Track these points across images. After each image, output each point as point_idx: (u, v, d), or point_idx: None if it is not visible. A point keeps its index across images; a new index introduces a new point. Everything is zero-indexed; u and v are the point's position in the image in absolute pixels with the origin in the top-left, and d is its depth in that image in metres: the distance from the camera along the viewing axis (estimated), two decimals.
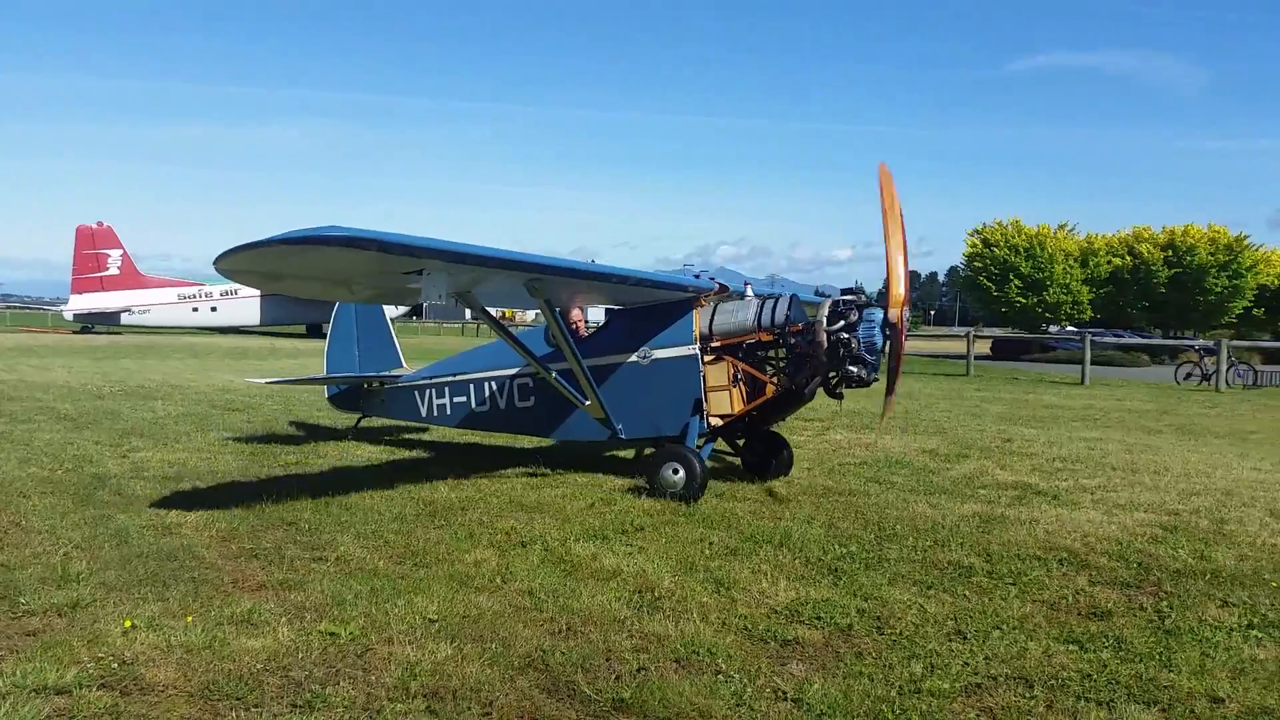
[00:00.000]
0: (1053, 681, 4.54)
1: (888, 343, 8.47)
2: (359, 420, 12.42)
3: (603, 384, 9.27)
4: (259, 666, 4.54)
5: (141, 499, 8.20)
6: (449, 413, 10.84)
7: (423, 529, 7.28)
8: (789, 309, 8.98)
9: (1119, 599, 5.89)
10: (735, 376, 9.04)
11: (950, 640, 5.12)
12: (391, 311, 56.37)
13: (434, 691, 4.31)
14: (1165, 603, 5.81)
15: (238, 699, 4.22)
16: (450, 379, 10.84)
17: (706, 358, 9.10)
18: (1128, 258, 56.67)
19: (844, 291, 8.99)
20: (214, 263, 6.79)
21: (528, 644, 4.88)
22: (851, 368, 8.48)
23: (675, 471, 8.49)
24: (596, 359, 9.36)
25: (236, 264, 6.89)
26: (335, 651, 4.77)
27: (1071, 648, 5.02)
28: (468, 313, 9.73)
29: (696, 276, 9.73)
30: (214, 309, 53.05)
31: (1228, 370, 29.18)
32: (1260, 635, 5.25)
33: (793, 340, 8.85)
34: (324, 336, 13.17)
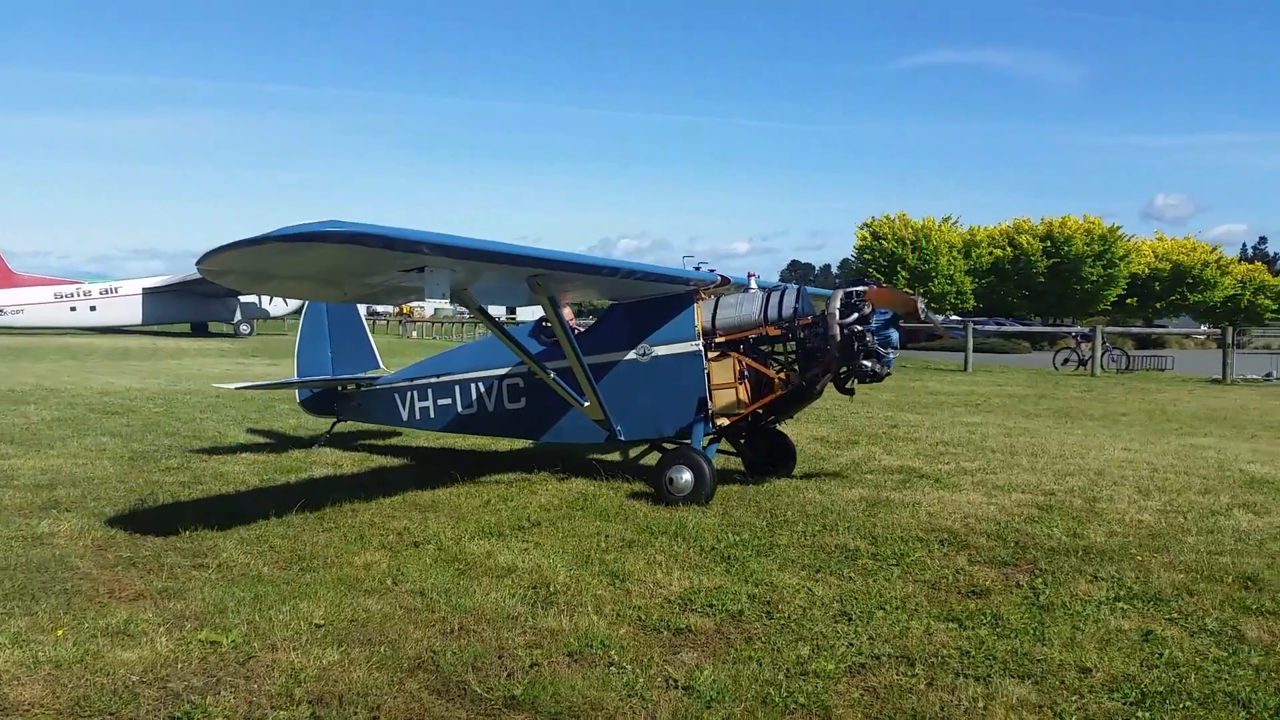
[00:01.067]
0: (933, 659, 4.69)
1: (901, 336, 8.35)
2: (333, 425, 11.82)
3: (600, 383, 8.86)
4: (134, 679, 4.37)
5: (9, 509, 7.79)
6: (432, 416, 10.27)
7: (310, 532, 7.10)
8: (796, 301, 8.56)
9: (997, 577, 6.13)
10: (741, 373, 8.60)
11: (836, 622, 5.26)
12: (280, 308, 54.90)
13: (319, 697, 4.22)
14: (1040, 579, 6.07)
15: (111, 713, 4.05)
16: (434, 380, 10.29)
17: (710, 354, 8.69)
18: (1008, 249, 58.98)
19: (851, 282, 8.70)
20: (197, 263, 6.32)
21: (418, 645, 4.82)
22: (865, 362, 8.13)
23: (683, 475, 8.05)
24: (593, 357, 8.94)
25: (223, 264, 6.42)
26: (216, 660, 4.62)
27: (951, 625, 5.20)
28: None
29: (697, 269, 9.50)
30: (93, 308, 50.76)
31: (1103, 355, 30.70)
32: (1125, 607, 5.52)
33: (802, 334, 8.44)
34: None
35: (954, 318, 56.06)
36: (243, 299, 50.33)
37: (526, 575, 6.02)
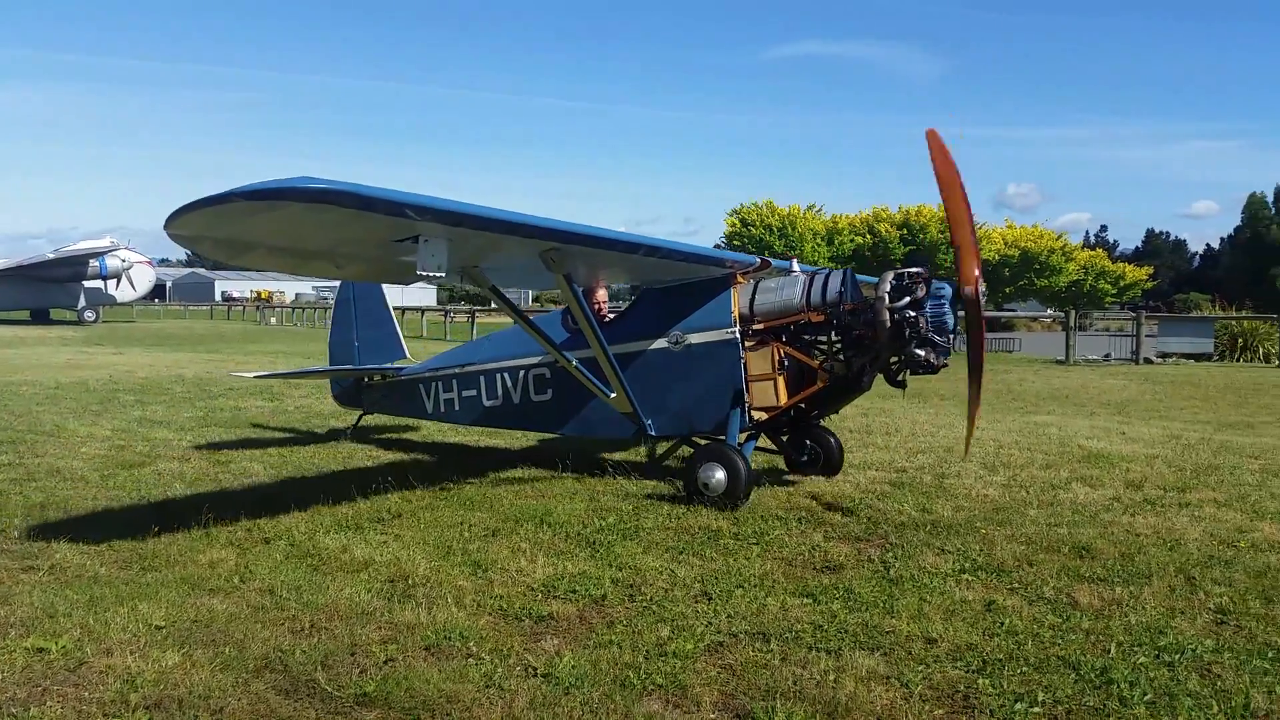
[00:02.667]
0: (788, 634, 4.80)
1: (959, 323, 7.55)
2: (359, 418, 11.26)
3: (629, 373, 8.20)
4: None
5: None
6: (457, 408, 9.75)
7: (153, 530, 6.73)
8: (842, 285, 7.79)
9: (850, 552, 6.31)
10: (781, 363, 7.91)
11: (697, 602, 5.32)
12: (128, 294, 51.91)
13: (157, 702, 4.00)
14: (891, 553, 6.28)
15: None
16: (458, 370, 9.75)
17: (748, 342, 7.98)
18: (868, 236, 60.85)
19: (905, 264, 7.89)
20: (165, 226, 5.62)
21: (265, 645, 4.62)
22: (919, 351, 7.34)
23: (716, 473, 7.41)
24: (621, 345, 8.25)
25: (191, 227, 5.72)
26: (43, 668, 4.33)
27: (806, 601, 5.33)
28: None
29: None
30: None
31: (955, 339, 32.01)
32: (970, 578, 5.77)
33: (848, 320, 7.69)
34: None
35: None
36: (86, 284, 47.50)
37: (384, 568, 5.87)
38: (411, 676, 4.25)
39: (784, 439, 8.81)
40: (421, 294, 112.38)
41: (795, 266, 8.52)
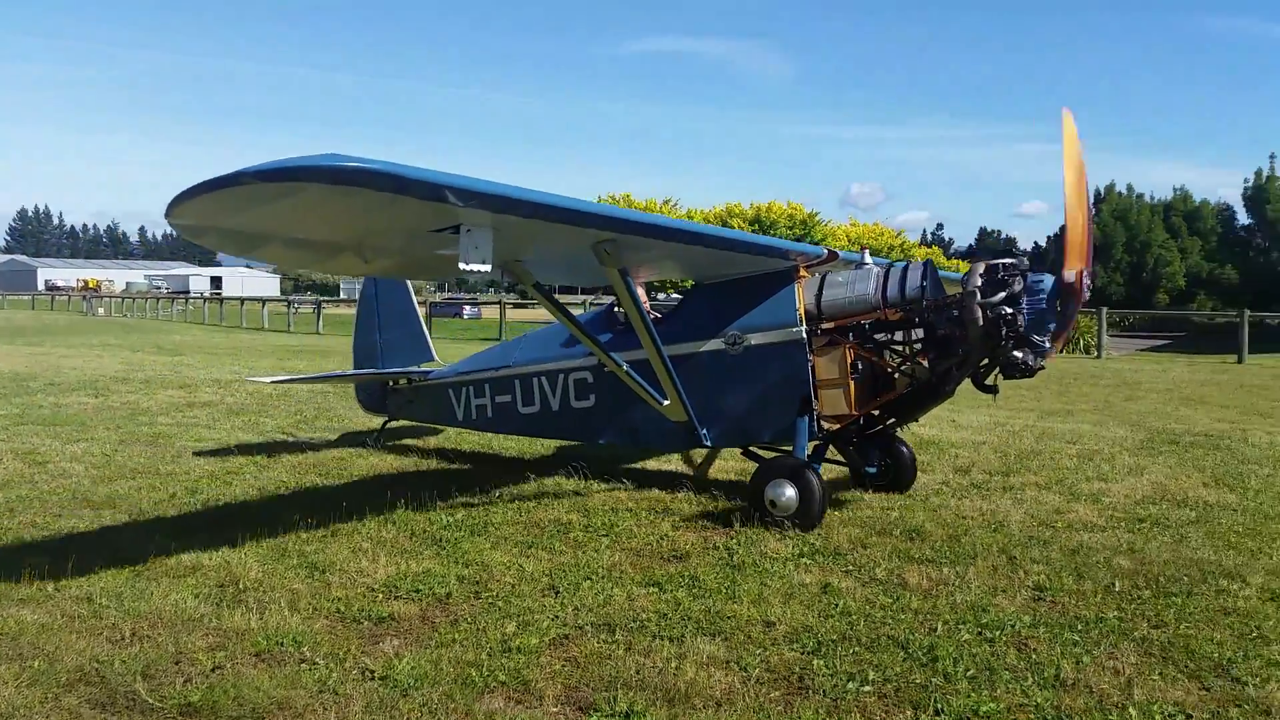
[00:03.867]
0: (633, 624, 4.83)
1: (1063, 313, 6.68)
2: (385, 424, 10.48)
3: (680, 378, 7.36)
4: None
5: None
6: (490, 415, 8.99)
7: None
8: (924, 279, 7.00)
9: (697, 540, 6.41)
10: (854, 366, 7.16)
11: (544, 596, 5.29)
12: None
13: None
14: (735, 540, 6.41)
15: None
16: (492, 374, 8.97)
17: (816, 343, 7.21)
18: None
19: (997, 254, 7.00)
20: (166, 214, 4.88)
21: (80, 656, 4.33)
22: (1016, 353, 6.58)
23: (785, 491, 6.64)
24: (670, 348, 7.35)
25: (196, 216, 4.98)
26: None
27: (652, 590, 5.38)
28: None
29: None
30: None
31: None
32: (808, 562, 5.95)
33: (932, 318, 6.92)
34: None
35: (675, 296, 58.42)
36: None
37: (213, 572, 5.59)
38: (240, 684, 4.07)
39: (851, 448, 7.88)
40: (263, 283, 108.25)
41: (867, 258, 7.74)
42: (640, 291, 8.25)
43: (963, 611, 5.05)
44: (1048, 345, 6.64)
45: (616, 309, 8.00)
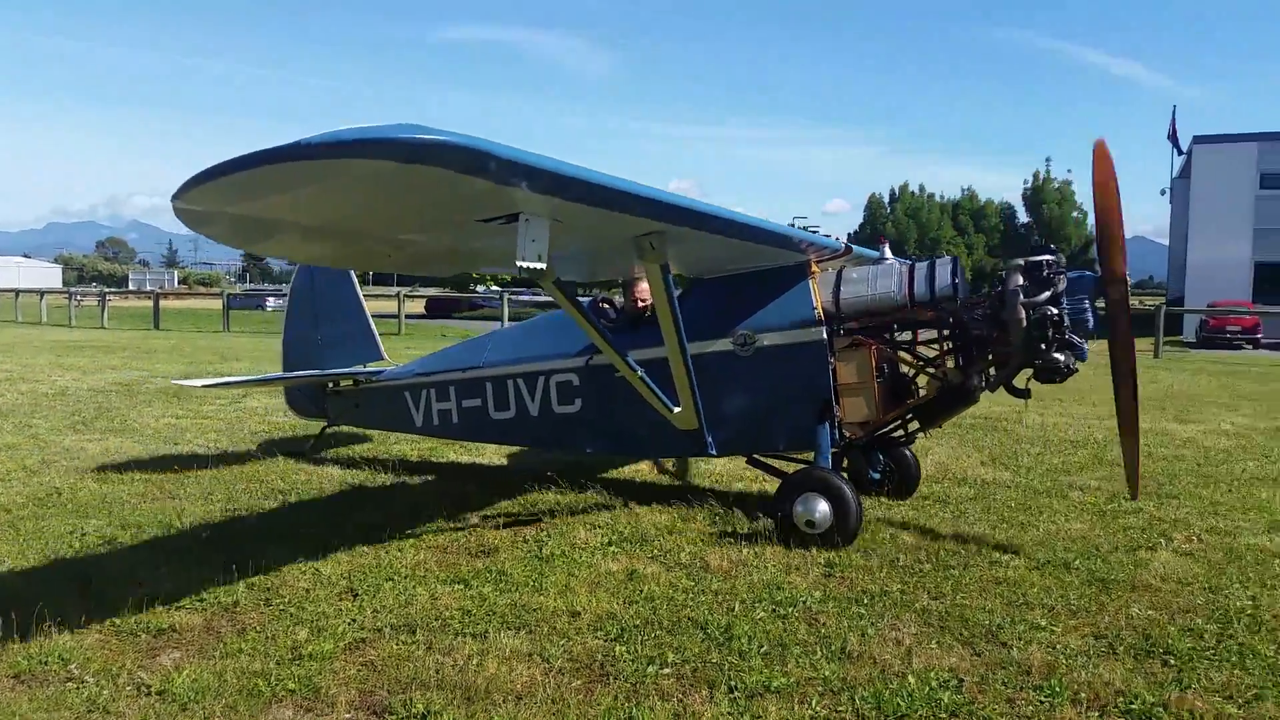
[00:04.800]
0: (435, 623, 4.73)
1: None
2: (323, 430, 9.42)
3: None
4: None
5: None
6: (456, 421, 8.06)
7: None
8: (953, 275, 6.55)
9: (507, 535, 6.35)
10: (880, 369, 6.70)
11: (341, 599, 5.10)
12: None
13: None
14: (545, 532, 6.40)
15: None
16: (458, 376, 8.04)
17: (838, 343, 6.68)
18: None
19: (1036, 251, 6.47)
20: (178, 195, 4.20)
21: None
22: (1058, 355, 6.15)
23: (818, 505, 6.03)
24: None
25: (219, 198, 4.28)
26: None
27: (457, 587, 5.28)
28: None
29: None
30: None
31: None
32: (616, 550, 6.00)
33: (966, 318, 6.49)
34: None
35: (494, 288, 57.74)
36: None
37: None
38: None
39: (856, 452, 7.38)
40: (43, 274, 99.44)
41: (887, 252, 7.29)
42: (645, 285, 7.70)
43: (759, 590, 5.22)
44: (1085, 348, 6.28)
45: (603, 303, 7.64)
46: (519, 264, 4.92)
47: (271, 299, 56.90)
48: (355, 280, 9.51)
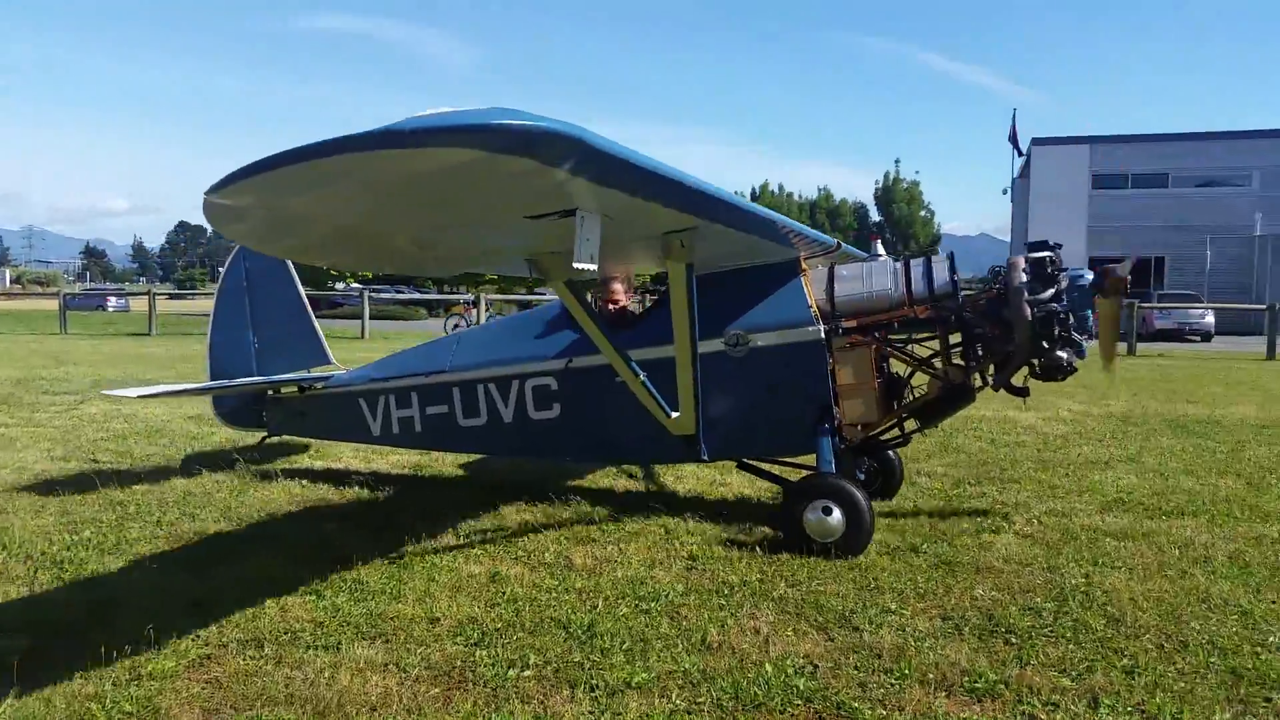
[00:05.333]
0: (285, 636, 4.54)
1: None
2: (263, 440, 8.74)
3: (666, 384, 6.35)
4: None
5: None
6: (419, 430, 7.48)
7: None
8: (951, 272, 6.45)
9: (363, 540, 6.15)
10: (879, 368, 6.54)
11: (185, 615, 4.83)
12: None
13: None
14: (405, 536, 6.23)
15: None
16: (421, 381, 7.46)
17: (835, 343, 6.46)
18: None
19: (1033, 246, 6.26)
20: (213, 191, 3.80)
21: None
22: (1060, 353, 6.09)
23: (831, 513, 5.77)
24: (656, 350, 6.46)
25: (268, 191, 3.85)
26: None
27: (310, 598, 5.08)
28: None
29: None
30: None
31: (488, 319, 33.20)
32: (478, 552, 5.91)
33: (967, 316, 6.39)
34: None
35: (354, 285, 56.22)
36: None
37: None
38: None
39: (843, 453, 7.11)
40: None
41: (879, 249, 7.07)
42: (619, 284, 7.59)
43: (623, 587, 5.23)
44: (1086, 346, 6.29)
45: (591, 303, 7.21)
46: (575, 265, 4.56)
47: (113, 299, 53.82)
48: (297, 279, 8.83)
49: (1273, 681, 4.00)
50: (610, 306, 7.39)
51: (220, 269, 10.22)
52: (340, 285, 58.14)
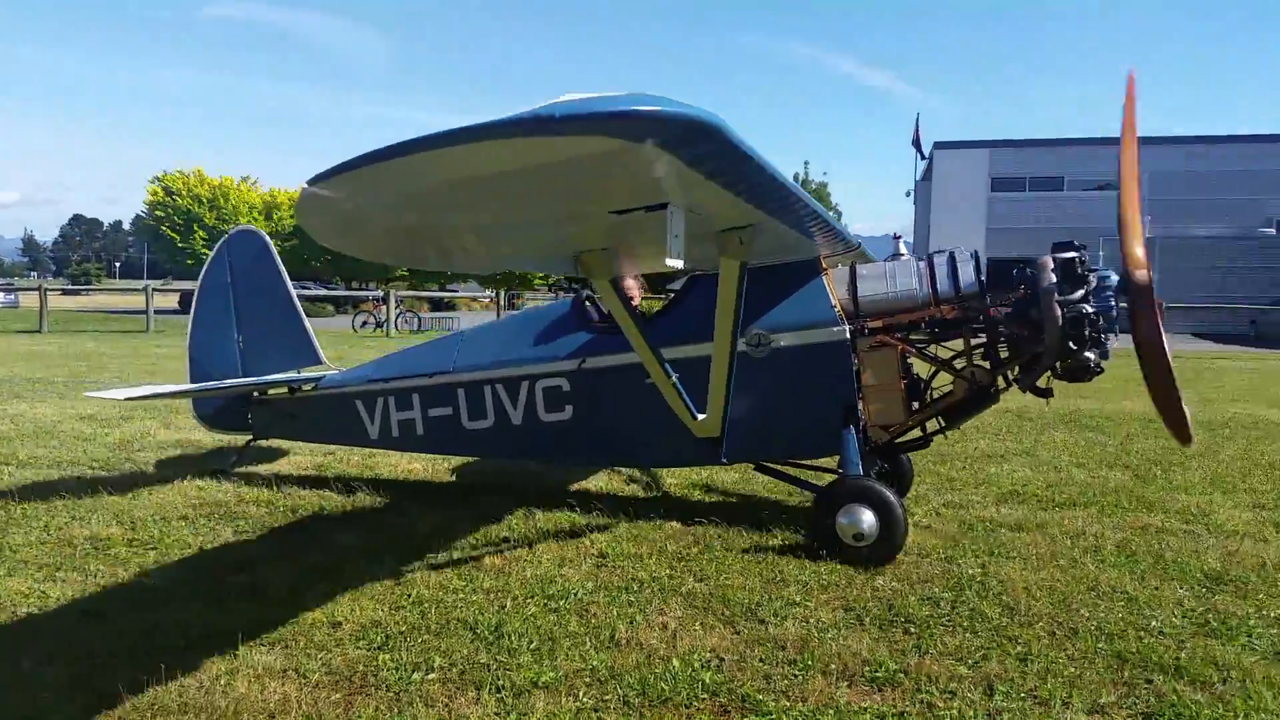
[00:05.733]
0: (180, 645, 4.37)
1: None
2: (248, 444, 8.24)
3: (688, 385, 6.18)
4: None
5: None
6: (421, 432, 7.25)
7: None
8: (976, 271, 6.27)
9: (265, 546, 6.00)
10: (905, 369, 6.44)
11: (75, 625, 4.64)
12: None
13: None
14: (308, 540, 6.10)
15: None
16: (423, 382, 7.22)
17: (861, 343, 6.33)
18: None
19: (1060, 247, 6.07)
20: (317, 182, 3.67)
21: None
22: (1088, 354, 5.96)
23: (864, 517, 5.60)
24: (674, 349, 6.28)
25: (389, 181, 3.69)
26: None
27: (211, 607, 4.91)
28: None
29: None
30: None
31: (397, 318, 32.63)
32: (384, 555, 5.80)
33: (996, 316, 6.26)
34: None
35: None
36: None
37: None
38: None
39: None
40: None
41: (902, 247, 6.99)
42: (632, 281, 7.43)
43: (532, 586, 5.20)
44: (1111, 346, 6.17)
45: (590, 300, 7.04)
46: (669, 262, 4.27)
47: (0, 294, 51.35)
48: (285, 274, 8.44)
49: (1154, 664, 4.19)
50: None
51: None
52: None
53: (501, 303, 32.22)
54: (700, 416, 6.20)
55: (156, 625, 4.62)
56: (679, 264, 4.33)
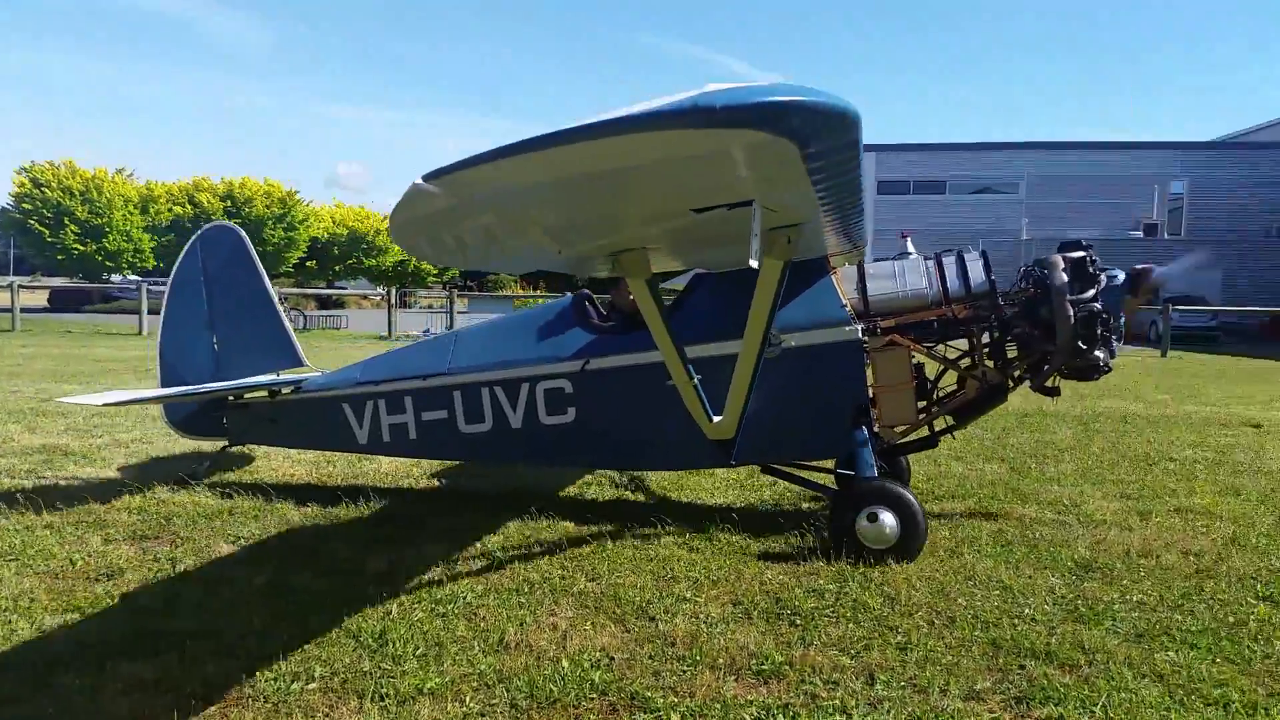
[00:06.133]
0: (44, 659, 4.15)
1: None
2: (224, 449, 7.89)
3: (675, 389, 5.96)
4: None
5: None
6: (414, 436, 6.93)
7: None
8: (986, 270, 6.27)
9: (134, 554, 5.73)
10: (916, 368, 6.35)
11: None
12: None
13: None
14: (180, 548, 5.85)
15: None
16: (416, 384, 6.91)
17: (873, 343, 6.24)
18: (189, 206, 57.13)
19: (1067, 246, 6.14)
20: (435, 178, 3.49)
21: None
22: (1098, 353, 6.04)
23: (884, 518, 5.54)
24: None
25: (511, 175, 3.49)
26: None
27: (72, 616, 4.69)
28: None
29: None
30: None
31: (289, 316, 31.75)
32: (263, 561, 5.60)
33: (1007, 315, 6.27)
34: None
35: (131, 278, 52.41)
36: None
37: None
38: None
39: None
40: None
41: (909, 246, 6.94)
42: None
43: (419, 591, 5.10)
44: (1118, 345, 6.27)
45: (588, 302, 6.84)
46: (751, 262, 4.14)
47: None
48: (263, 271, 7.97)
49: (1026, 649, 4.35)
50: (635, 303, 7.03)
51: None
52: (116, 278, 54.15)
53: (393, 300, 31.52)
54: (716, 419, 6.04)
55: (15, 639, 4.37)
56: (756, 264, 4.24)
